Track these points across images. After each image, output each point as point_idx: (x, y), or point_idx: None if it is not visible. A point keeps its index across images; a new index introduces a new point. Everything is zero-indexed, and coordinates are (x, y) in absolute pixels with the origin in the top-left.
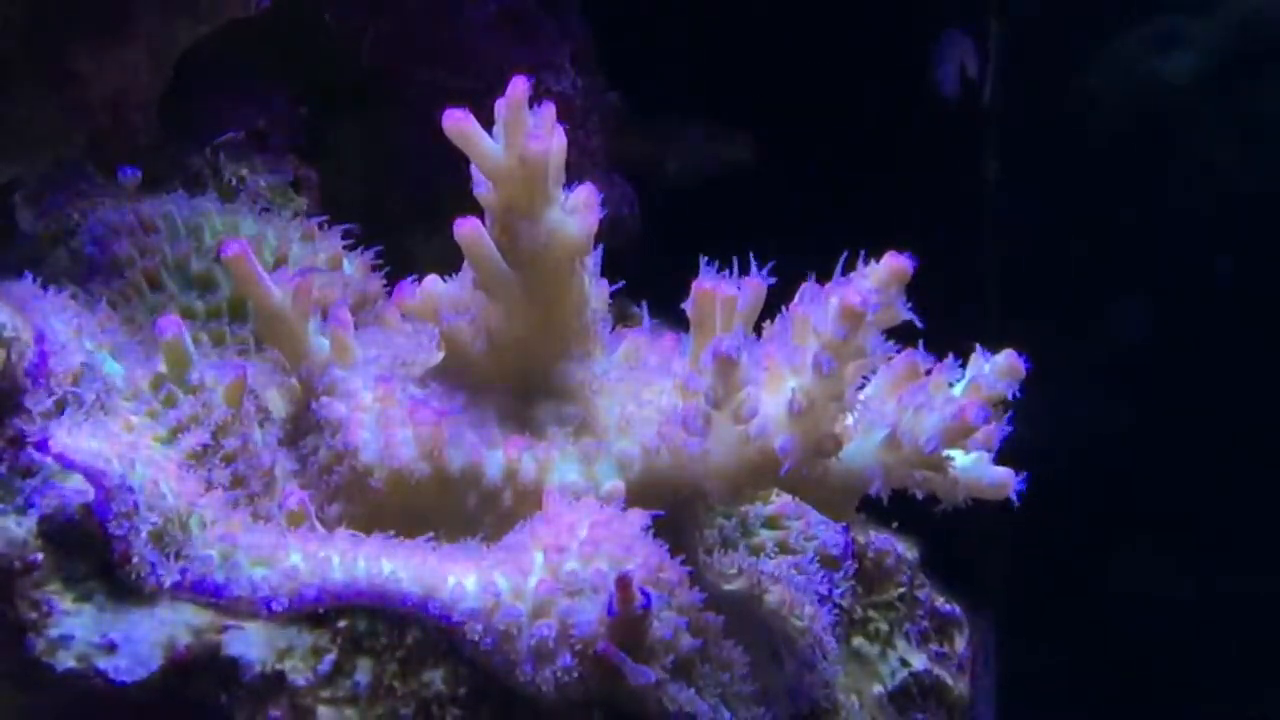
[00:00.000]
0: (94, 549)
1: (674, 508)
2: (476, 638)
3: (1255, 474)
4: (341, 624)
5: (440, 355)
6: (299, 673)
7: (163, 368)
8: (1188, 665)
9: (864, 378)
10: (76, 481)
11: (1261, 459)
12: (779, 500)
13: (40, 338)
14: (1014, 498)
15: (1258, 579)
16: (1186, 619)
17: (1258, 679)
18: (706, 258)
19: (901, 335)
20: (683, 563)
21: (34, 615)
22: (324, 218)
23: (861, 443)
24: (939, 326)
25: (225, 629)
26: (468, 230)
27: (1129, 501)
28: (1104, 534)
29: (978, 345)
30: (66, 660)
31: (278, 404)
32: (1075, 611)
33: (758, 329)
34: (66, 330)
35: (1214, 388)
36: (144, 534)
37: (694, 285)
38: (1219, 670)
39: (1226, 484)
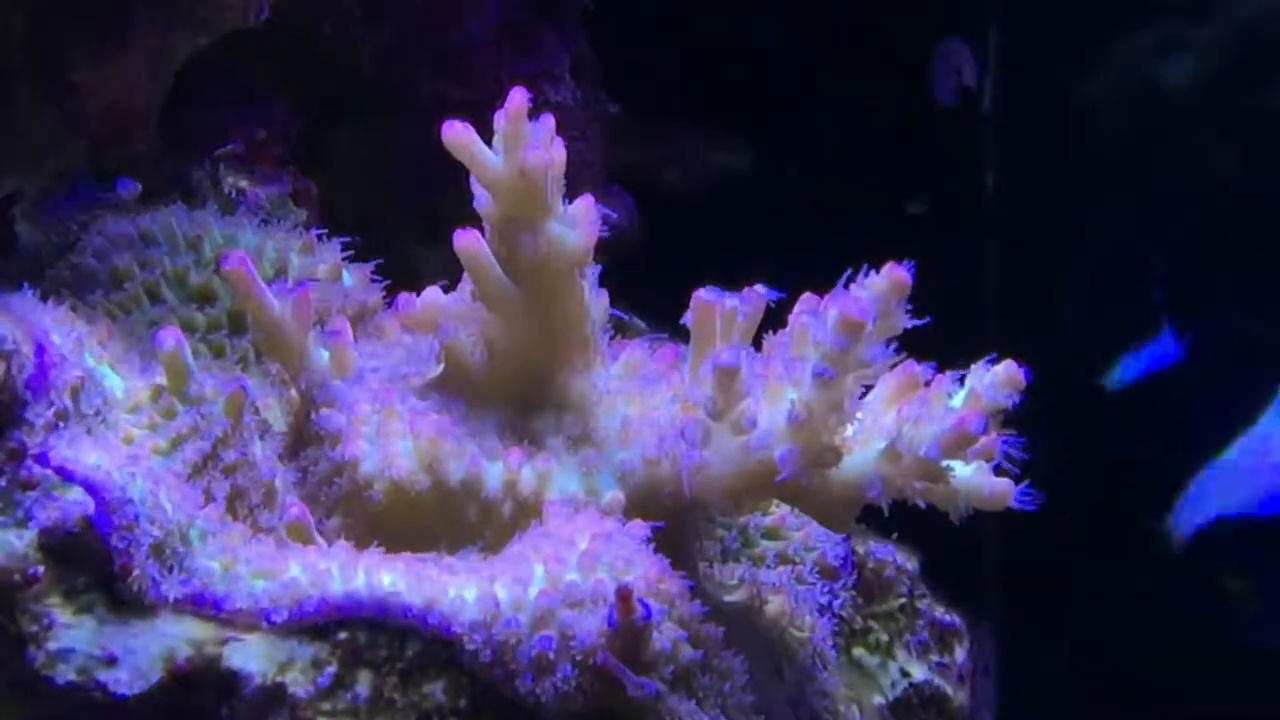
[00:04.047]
0: (94, 562)
1: (674, 519)
2: (476, 649)
3: None
4: (342, 636)
5: (440, 367)
6: (299, 685)
7: (162, 380)
8: (1189, 670)
9: (863, 389)
10: (77, 494)
11: None
12: (779, 511)
13: (40, 350)
14: (1019, 510)
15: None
16: (1187, 622)
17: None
18: (704, 271)
19: (901, 343)
20: (683, 574)
21: (35, 628)
22: (323, 229)
23: (861, 454)
24: (938, 334)
25: (226, 641)
26: (467, 242)
27: (1130, 503)
28: (1104, 537)
29: (981, 356)
30: (67, 673)
31: (278, 416)
32: (1076, 617)
33: (757, 340)
34: (66, 343)
35: (1214, 391)
36: (144, 546)
37: (694, 297)
38: (1220, 673)
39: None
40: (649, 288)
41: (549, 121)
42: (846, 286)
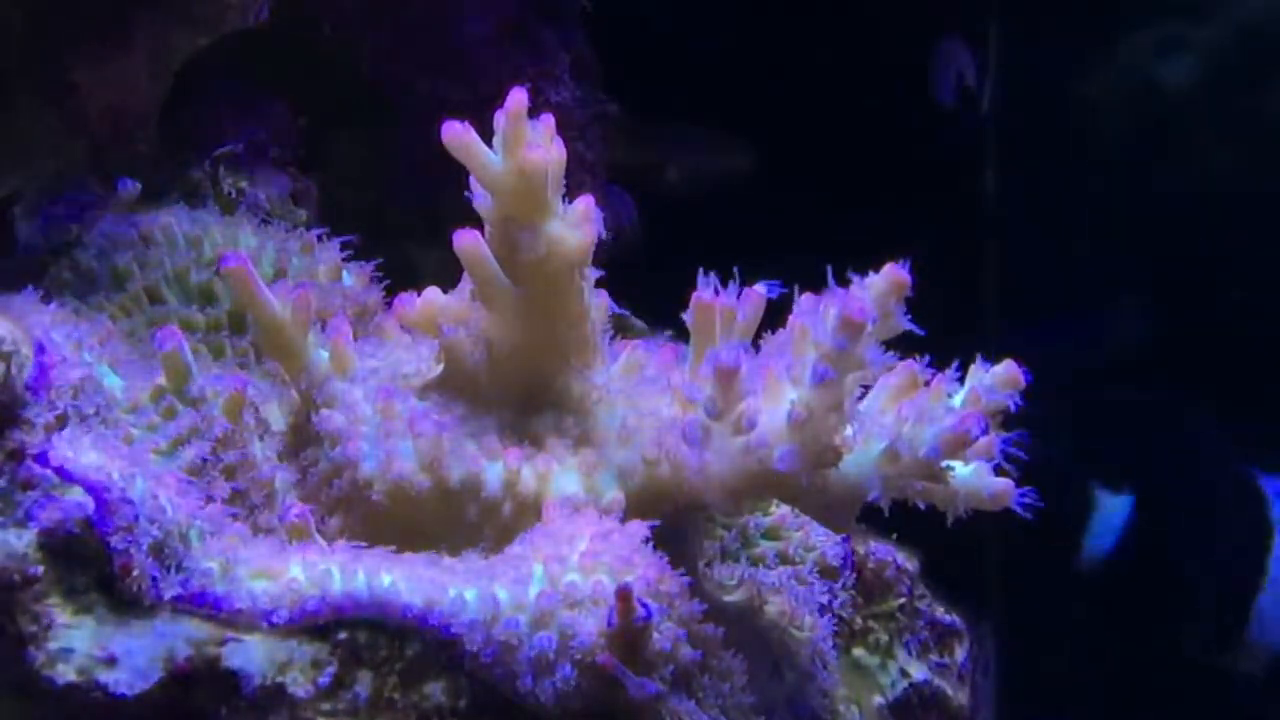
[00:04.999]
0: (94, 562)
1: (674, 519)
2: (476, 649)
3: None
4: (342, 636)
5: (440, 367)
6: (299, 685)
7: (163, 380)
8: (1187, 671)
9: (863, 389)
10: (77, 494)
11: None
12: (779, 511)
13: (40, 350)
14: (1018, 511)
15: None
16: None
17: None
18: (704, 271)
19: (900, 344)
20: (683, 574)
21: (34, 628)
22: (324, 229)
23: (861, 454)
24: (938, 335)
25: (225, 641)
26: (467, 242)
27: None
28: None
29: (978, 356)
30: (67, 673)
31: (278, 416)
32: (1076, 618)
33: (757, 340)
34: (67, 343)
35: (1214, 393)
36: (144, 547)
37: (693, 297)
38: (1219, 676)
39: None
40: (649, 288)
41: (549, 121)
42: (845, 286)
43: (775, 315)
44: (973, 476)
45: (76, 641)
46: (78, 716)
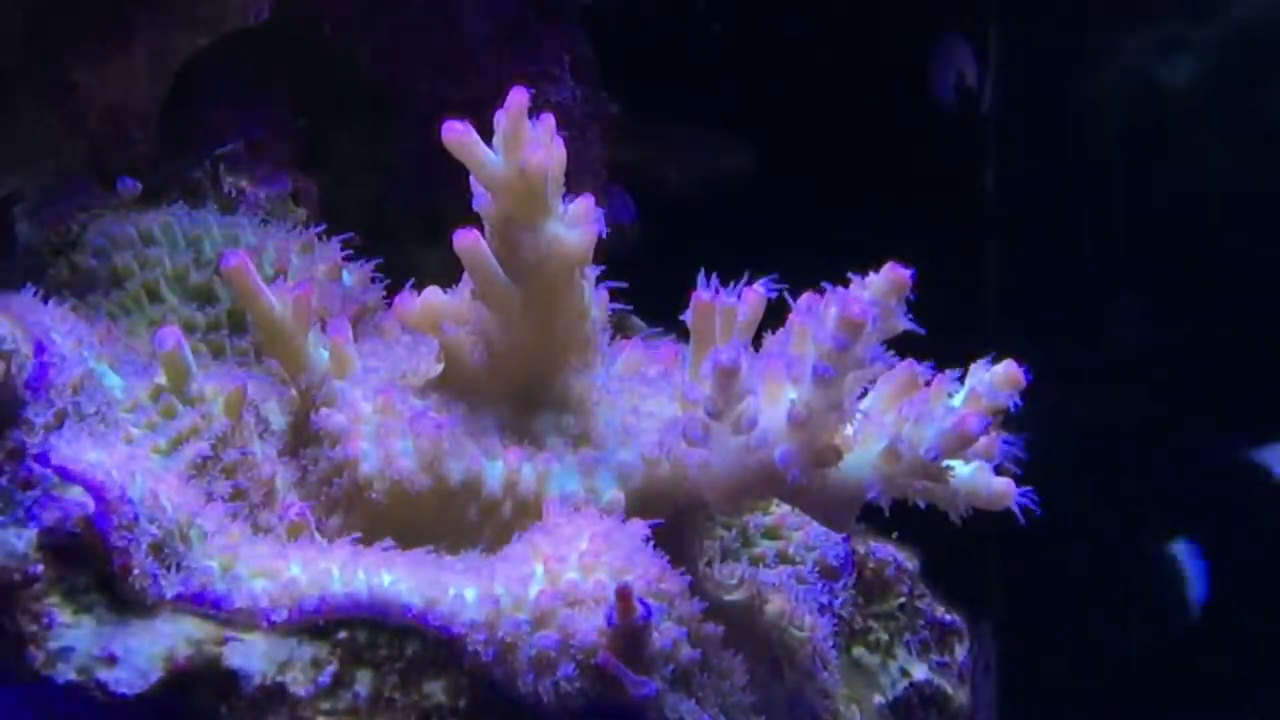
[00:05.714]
0: (94, 561)
1: (674, 518)
2: (477, 649)
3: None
4: (342, 635)
5: (440, 366)
6: (299, 684)
7: (162, 379)
8: (1188, 671)
9: (863, 388)
10: (77, 493)
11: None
12: (779, 511)
13: (40, 350)
14: (1017, 510)
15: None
16: (1187, 623)
17: (1256, 685)
18: (704, 271)
19: (901, 344)
20: (683, 573)
21: (34, 628)
22: (323, 228)
23: (861, 453)
24: (938, 335)
25: (226, 641)
26: (467, 242)
27: (1131, 505)
28: (1105, 538)
29: (981, 356)
30: (67, 673)
31: (278, 415)
32: (1075, 618)
33: (757, 339)
34: (66, 342)
35: (1216, 393)
36: (144, 546)
37: (693, 296)
38: (1218, 675)
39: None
40: (649, 288)
41: (549, 121)
42: (846, 285)
43: (775, 315)
44: (973, 476)
45: (77, 641)
46: (78, 716)
